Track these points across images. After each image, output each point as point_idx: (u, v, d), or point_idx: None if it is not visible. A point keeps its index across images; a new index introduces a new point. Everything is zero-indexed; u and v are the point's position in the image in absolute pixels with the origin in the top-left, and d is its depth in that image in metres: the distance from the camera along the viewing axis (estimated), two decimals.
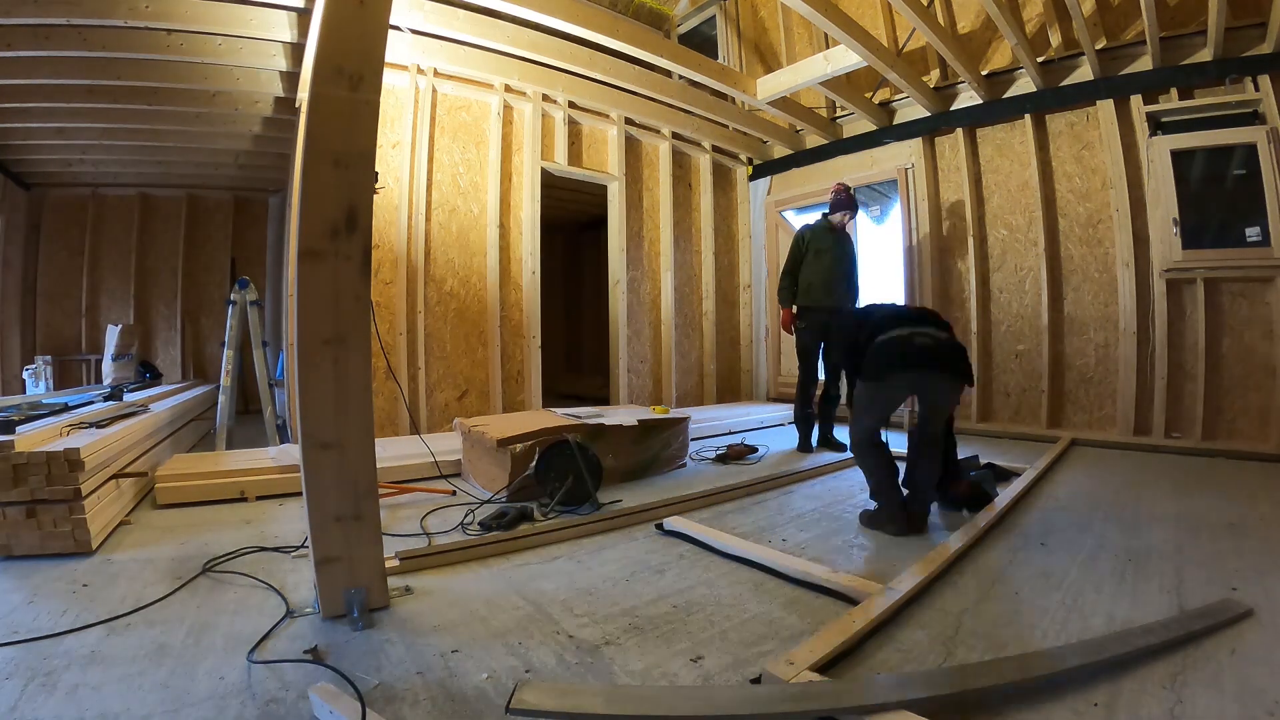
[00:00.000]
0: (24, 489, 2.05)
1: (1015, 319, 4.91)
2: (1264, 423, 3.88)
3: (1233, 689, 1.28)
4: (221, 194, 7.19)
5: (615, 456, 3.27)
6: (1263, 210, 3.76)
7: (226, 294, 5.14)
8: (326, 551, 1.63)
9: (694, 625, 1.64)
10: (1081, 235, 4.60)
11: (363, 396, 1.66)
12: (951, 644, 1.52)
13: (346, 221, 1.61)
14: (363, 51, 1.63)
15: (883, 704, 1.18)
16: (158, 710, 1.23)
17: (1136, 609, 1.69)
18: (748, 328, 6.63)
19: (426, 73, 4.37)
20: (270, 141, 5.55)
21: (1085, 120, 4.55)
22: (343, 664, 1.40)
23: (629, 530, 2.46)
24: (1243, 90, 3.87)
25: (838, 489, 3.21)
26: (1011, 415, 4.91)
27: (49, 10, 3.47)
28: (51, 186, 6.49)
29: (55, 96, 4.50)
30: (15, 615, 1.65)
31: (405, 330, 4.26)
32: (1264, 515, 2.57)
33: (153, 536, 2.36)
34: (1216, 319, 4.04)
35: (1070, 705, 1.24)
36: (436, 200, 4.44)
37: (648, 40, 4.49)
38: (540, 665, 1.43)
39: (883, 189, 5.80)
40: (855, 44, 4.12)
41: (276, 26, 3.82)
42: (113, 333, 6.04)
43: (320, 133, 1.60)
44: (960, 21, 5.11)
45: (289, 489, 2.93)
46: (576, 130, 5.25)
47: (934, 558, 1.99)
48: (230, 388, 4.52)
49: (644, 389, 5.73)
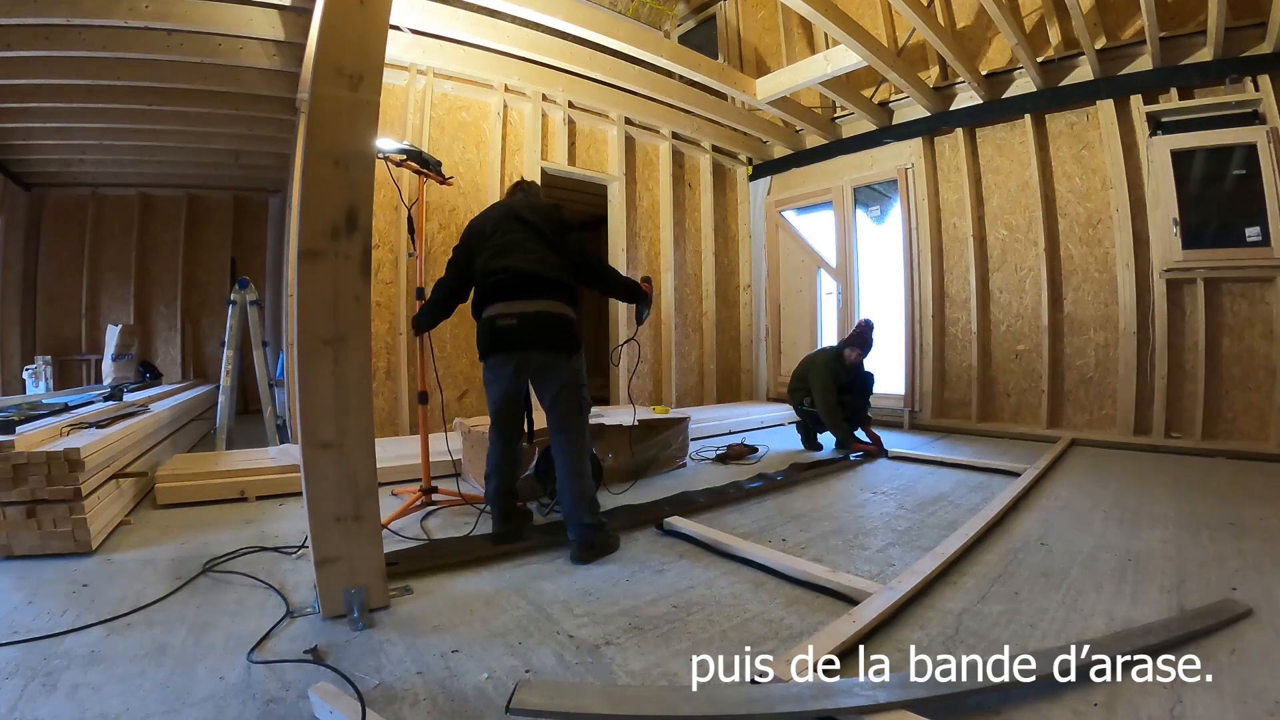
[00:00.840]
0: (24, 489, 2.05)
1: (1015, 319, 4.90)
2: (1264, 423, 3.88)
3: (1233, 689, 1.28)
4: (221, 194, 7.19)
5: (615, 456, 3.27)
6: (1263, 210, 3.76)
7: (226, 294, 5.14)
8: (326, 551, 1.63)
9: (694, 625, 1.64)
10: (1081, 235, 4.60)
11: (363, 396, 1.66)
12: (951, 644, 1.51)
13: (346, 221, 1.61)
14: (363, 51, 1.63)
15: (883, 704, 1.18)
16: (158, 710, 1.23)
17: (1136, 609, 1.69)
18: (748, 328, 6.63)
19: (426, 73, 4.36)
20: (270, 141, 5.54)
21: (1085, 120, 4.55)
22: (343, 664, 1.40)
23: (629, 530, 2.45)
24: (1243, 90, 3.87)
25: (838, 489, 3.21)
26: (1011, 415, 4.91)
27: (49, 10, 3.47)
28: (51, 186, 6.49)
29: (55, 96, 4.49)
30: (15, 615, 1.66)
31: (405, 330, 4.26)
32: (1264, 515, 2.56)
33: (153, 536, 2.36)
34: (1216, 319, 4.04)
35: (1070, 705, 1.24)
36: (437, 200, 4.44)
37: (647, 40, 4.49)
38: (540, 665, 1.43)
39: (882, 189, 5.80)
40: (855, 44, 4.12)
41: (276, 27, 3.82)
42: (113, 333, 6.04)
43: (320, 132, 1.60)
44: (960, 21, 5.10)
45: (289, 489, 2.93)
46: (576, 130, 5.25)
47: (934, 558, 1.99)
48: (230, 388, 4.52)
49: (644, 389, 5.73)
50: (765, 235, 6.56)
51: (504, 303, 2.15)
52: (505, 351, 2.16)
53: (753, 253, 6.65)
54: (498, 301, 2.16)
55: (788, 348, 6.36)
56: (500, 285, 2.16)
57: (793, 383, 4.40)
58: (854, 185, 5.79)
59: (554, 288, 2.18)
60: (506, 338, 2.14)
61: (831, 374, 4.09)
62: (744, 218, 6.66)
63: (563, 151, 5.08)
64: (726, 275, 6.47)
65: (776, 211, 6.45)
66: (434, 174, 2.78)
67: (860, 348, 4.18)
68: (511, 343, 2.14)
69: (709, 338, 6.21)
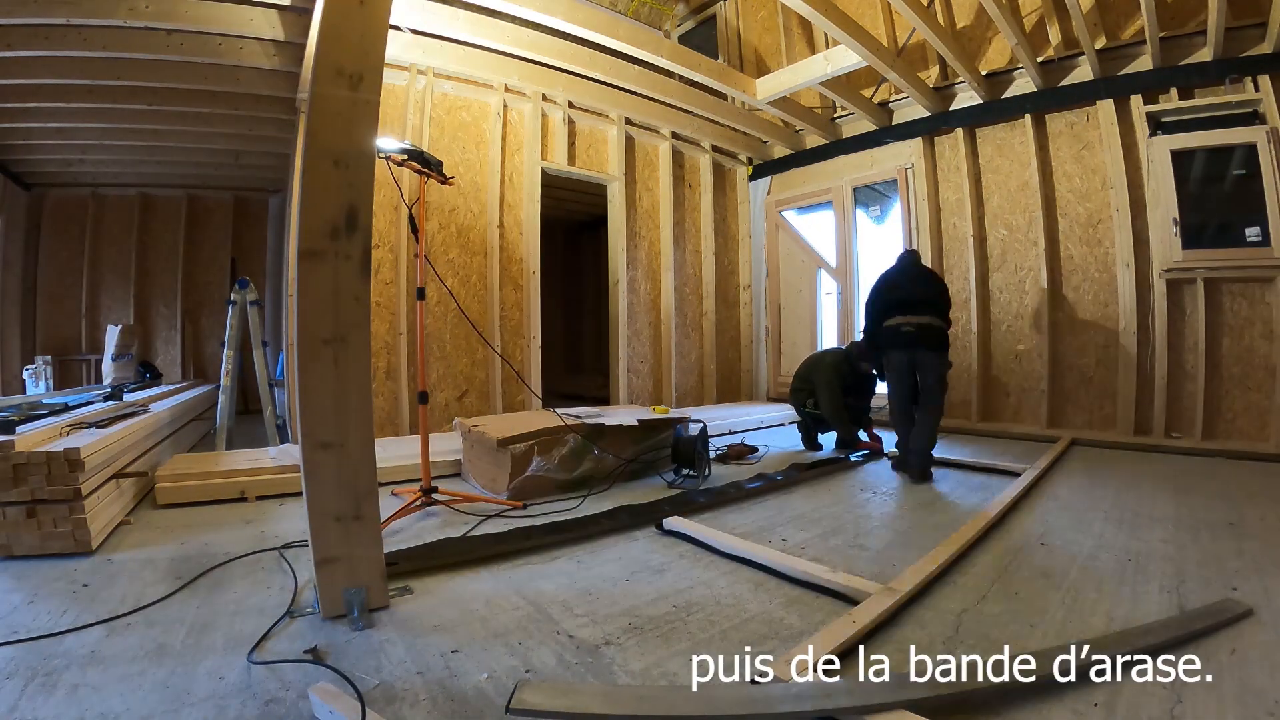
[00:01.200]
0: (24, 489, 2.05)
1: (1015, 319, 4.90)
2: (1263, 423, 3.88)
3: (1233, 689, 1.28)
4: (221, 194, 7.19)
5: (615, 456, 3.27)
6: (1263, 210, 3.76)
7: (226, 294, 5.14)
8: (326, 551, 1.63)
9: (694, 625, 1.64)
10: (1081, 235, 4.60)
11: (363, 396, 1.66)
12: (951, 644, 1.51)
13: (346, 221, 1.61)
14: (363, 51, 1.63)
15: (883, 704, 1.18)
16: (158, 710, 1.23)
17: (1136, 609, 1.69)
18: (748, 328, 6.63)
19: (426, 72, 4.36)
20: (270, 141, 5.54)
21: (1085, 120, 4.55)
22: (343, 664, 1.40)
23: (629, 530, 2.46)
24: (1243, 90, 3.87)
25: (838, 489, 3.21)
26: (1011, 415, 4.91)
27: (49, 10, 3.47)
28: (51, 186, 6.49)
29: (55, 96, 4.49)
30: (15, 615, 1.66)
31: (405, 330, 4.26)
32: (1264, 515, 2.56)
33: (153, 536, 2.36)
34: (1216, 319, 4.04)
35: (1070, 705, 1.24)
36: (436, 200, 4.44)
37: (647, 40, 4.49)
38: (540, 665, 1.43)
39: (882, 189, 5.80)
40: (855, 44, 4.12)
41: (276, 27, 3.82)
42: (113, 333, 6.04)
43: (320, 132, 1.60)
44: (960, 21, 5.11)
45: (289, 489, 2.93)
46: (576, 130, 5.25)
47: (934, 557, 1.99)
48: (230, 388, 4.52)
49: (644, 389, 5.73)
50: (765, 235, 6.56)
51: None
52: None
53: (753, 253, 6.65)
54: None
55: (788, 348, 6.36)
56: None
57: (795, 383, 4.39)
58: (854, 185, 5.79)
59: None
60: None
61: (838, 375, 4.08)
62: (744, 218, 6.66)
63: (563, 151, 5.08)
64: (726, 275, 6.48)
65: (776, 211, 6.45)
66: (435, 174, 2.79)
67: (877, 362, 4.14)
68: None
69: (709, 338, 6.21)
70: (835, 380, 4.06)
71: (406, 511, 2.59)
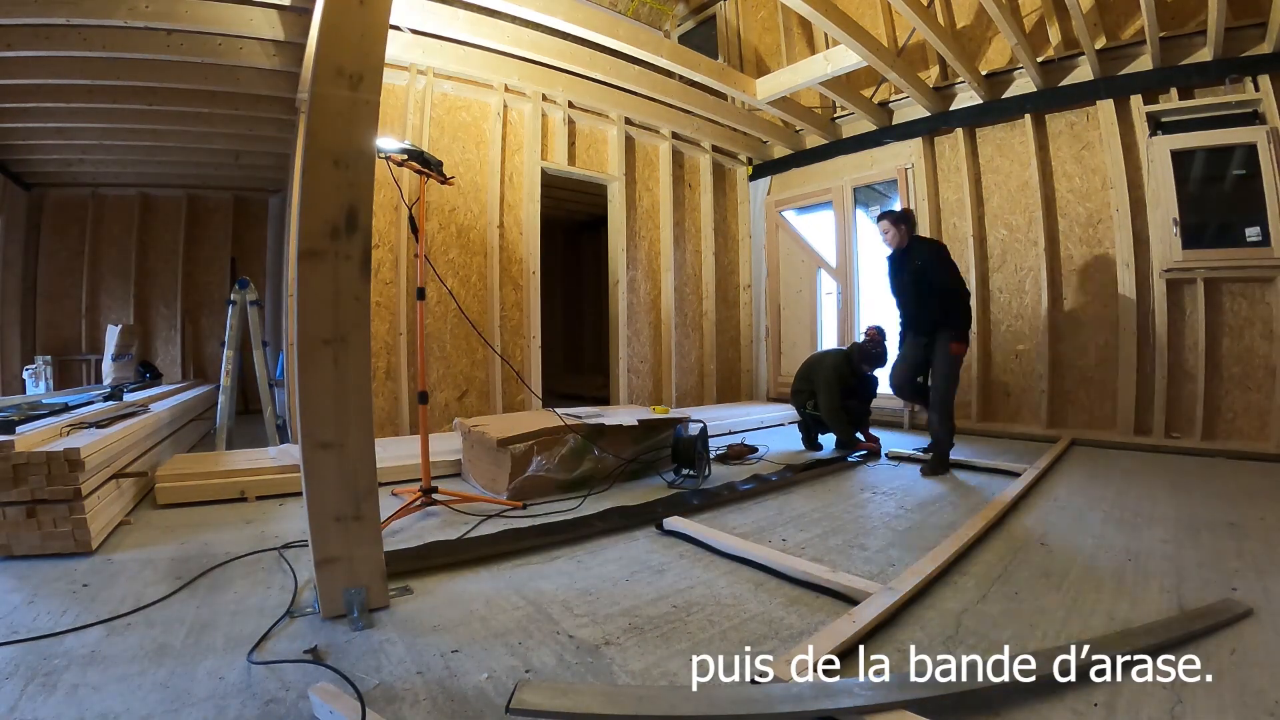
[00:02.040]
0: (24, 489, 2.05)
1: (1015, 319, 4.90)
2: (1263, 423, 3.88)
3: (1233, 689, 1.28)
4: (221, 194, 7.19)
5: (615, 456, 3.27)
6: (1263, 210, 3.76)
7: (226, 294, 5.14)
8: (326, 551, 1.63)
9: (694, 625, 1.64)
10: (1081, 235, 4.60)
11: (363, 396, 1.66)
12: (951, 644, 1.51)
13: (346, 221, 1.61)
14: (363, 51, 1.63)
15: (883, 704, 1.18)
16: (158, 710, 1.23)
17: (1136, 609, 1.69)
18: (748, 328, 6.63)
19: (426, 72, 4.36)
20: (270, 141, 5.54)
21: (1085, 120, 4.55)
22: (342, 664, 1.41)
23: (629, 530, 2.46)
24: (1243, 90, 3.87)
25: (838, 489, 3.21)
26: (1011, 415, 4.91)
27: (49, 10, 3.47)
28: (51, 186, 6.48)
29: (55, 96, 4.49)
30: (15, 615, 1.66)
31: (405, 330, 4.26)
32: (1264, 515, 2.56)
33: (153, 536, 2.36)
34: (1216, 319, 4.04)
35: (1070, 705, 1.24)
36: (436, 200, 4.44)
37: (647, 40, 4.49)
38: (540, 665, 1.43)
39: (882, 189, 5.80)
40: (855, 44, 4.12)
41: (276, 27, 3.82)
42: (113, 333, 6.04)
43: (320, 132, 1.60)
44: (960, 21, 5.11)
45: (289, 489, 2.93)
46: (576, 130, 5.25)
47: (934, 557, 1.99)
48: (230, 388, 4.52)
49: (644, 389, 5.73)
50: (765, 235, 6.55)
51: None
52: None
53: (753, 253, 6.65)
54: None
55: (788, 348, 6.36)
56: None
57: (796, 384, 4.39)
58: (854, 185, 5.78)
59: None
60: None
61: (839, 377, 4.08)
62: (744, 218, 6.66)
63: (563, 151, 5.08)
64: (726, 275, 6.48)
65: (776, 211, 6.45)
66: (435, 174, 2.79)
67: (878, 364, 4.15)
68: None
69: (709, 338, 6.21)
70: (835, 382, 4.07)
71: (406, 511, 2.59)
